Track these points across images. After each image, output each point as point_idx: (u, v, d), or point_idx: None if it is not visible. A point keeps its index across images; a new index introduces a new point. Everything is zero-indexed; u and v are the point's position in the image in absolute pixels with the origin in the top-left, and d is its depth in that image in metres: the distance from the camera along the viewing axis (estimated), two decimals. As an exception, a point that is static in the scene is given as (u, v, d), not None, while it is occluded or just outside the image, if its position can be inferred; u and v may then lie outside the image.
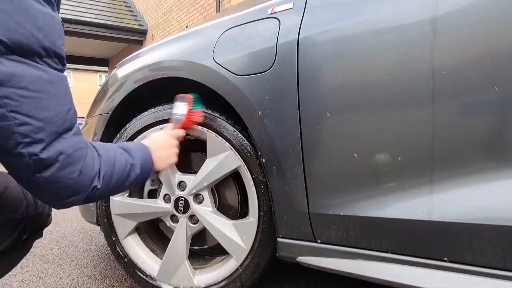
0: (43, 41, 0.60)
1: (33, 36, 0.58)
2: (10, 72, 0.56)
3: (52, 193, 0.67)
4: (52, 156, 0.63)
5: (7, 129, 0.58)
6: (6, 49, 0.56)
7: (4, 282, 1.40)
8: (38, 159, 0.61)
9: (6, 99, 0.56)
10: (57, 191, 0.66)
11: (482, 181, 0.75)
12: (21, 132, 0.59)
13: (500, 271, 0.73)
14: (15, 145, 0.59)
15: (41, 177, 0.63)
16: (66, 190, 0.67)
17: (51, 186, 0.65)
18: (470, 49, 0.76)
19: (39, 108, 0.61)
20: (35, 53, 0.59)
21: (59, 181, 0.65)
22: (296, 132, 0.94)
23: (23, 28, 0.57)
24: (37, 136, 0.61)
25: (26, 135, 0.59)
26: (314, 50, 0.92)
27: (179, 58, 1.18)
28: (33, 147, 0.60)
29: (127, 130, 1.23)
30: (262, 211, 1.06)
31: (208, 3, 7.38)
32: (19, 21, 0.57)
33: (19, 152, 0.60)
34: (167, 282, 1.19)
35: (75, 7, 9.45)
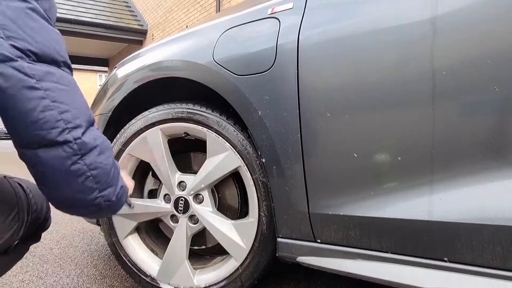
0: (61, 53, 0.72)
1: (54, 48, 0.71)
2: (45, 70, 0.68)
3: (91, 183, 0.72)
4: (91, 141, 0.72)
5: (52, 118, 0.67)
6: (37, 58, 0.68)
7: (4, 282, 1.40)
8: (82, 142, 0.70)
9: (48, 91, 0.67)
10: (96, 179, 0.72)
11: (482, 181, 0.75)
12: (65, 119, 0.68)
13: (500, 271, 0.73)
14: (60, 132, 0.68)
15: (84, 163, 0.70)
16: (105, 177, 0.74)
17: (91, 173, 0.71)
18: (470, 49, 0.76)
19: (72, 98, 0.71)
20: (56, 63, 0.71)
21: (99, 166, 0.73)
22: (296, 132, 0.94)
23: (48, 42, 0.70)
24: (76, 121, 0.70)
25: (69, 121, 0.69)
26: (314, 50, 0.92)
27: (179, 58, 1.18)
28: (76, 131, 0.69)
29: (127, 130, 1.23)
30: (262, 211, 1.06)
31: (208, 3, 7.38)
32: (43, 36, 0.69)
33: (65, 138, 0.68)
34: (167, 282, 1.19)
35: (75, 7, 9.45)
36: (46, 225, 0.97)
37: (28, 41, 0.67)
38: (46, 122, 0.66)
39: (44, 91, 0.66)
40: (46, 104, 0.66)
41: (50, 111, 0.67)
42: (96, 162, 0.72)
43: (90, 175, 0.72)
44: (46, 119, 0.66)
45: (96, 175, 0.72)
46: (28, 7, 0.69)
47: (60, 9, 8.89)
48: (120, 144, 1.23)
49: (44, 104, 0.66)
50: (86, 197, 0.73)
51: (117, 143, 1.25)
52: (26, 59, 0.66)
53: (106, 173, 0.75)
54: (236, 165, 1.08)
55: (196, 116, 1.12)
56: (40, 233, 0.98)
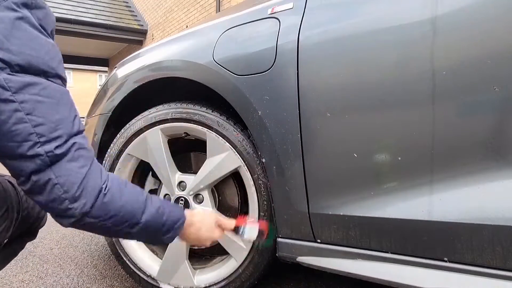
0: (50, 65, 0.71)
1: (43, 59, 0.70)
2: (25, 81, 0.67)
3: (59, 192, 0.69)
4: (64, 151, 0.70)
5: (24, 131, 0.66)
6: (20, 69, 0.67)
7: (4, 282, 1.40)
8: (53, 155, 0.68)
9: (23, 104, 0.65)
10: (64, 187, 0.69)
11: (482, 181, 0.75)
12: (38, 132, 0.67)
13: (500, 271, 0.73)
14: (31, 146, 0.66)
15: (52, 171, 0.68)
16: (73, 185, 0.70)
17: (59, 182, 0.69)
18: (470, 49, 0.76)
19: (51, 111, 0.69)
20: (44, 74, 0.70)
21: (68, 173, 0.70)
22: (296, 132, 0.94)
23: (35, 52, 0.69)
24: (52, 135, 0.68)
25: (42, 134, 0.67)
26: (314, 50, 0.92)
27: (179, 58, 1.18)
28: (49, 145, 0.68)
29: (127, 130, 1.23)
30: (262, 211, 1.06)
31: (208, 3, 7.38)
32: (31, 47, 0.68)
33: (35, 153, 0.67)
34: (167, 282, 1.19)
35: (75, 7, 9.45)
36: (42, 223, 0.97)
37: (11, 52, 0.65)
38: (17, 135, 0.65)
39: (19, 103, 0.65)
40: (19, 117, 0.65)
41: (23, 124, 0.65)
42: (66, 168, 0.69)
43: (57, 183, 0.69)
44: (18, 131, 0.65)
45: (63, 184, 0.69)
46: (17, 16, 0.68)
47: (60, 9, 8.88)
48: (120, 144, 1.23)
49: (17, 116, 0.65)
50: (58, 207, 0.70)
51: (117, 143, 1.25)
52: (7, 69, 0.65)
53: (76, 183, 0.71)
54: (236, 165, 1.08)
55: (196, 116, 1.12)
56: (36, 230, 0.98)
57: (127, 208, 0.79)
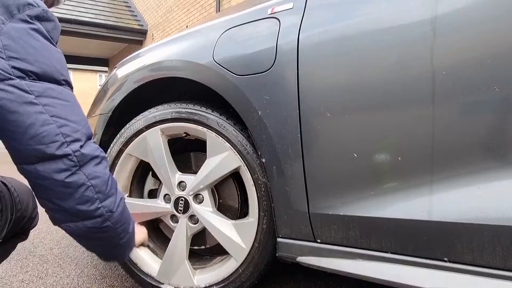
0: (61, 72, 0.76)
1: (55, 67, 0.74)
2: (44, 87, 0.71)
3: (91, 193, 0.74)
4: (90, 152, 0.74)
5: (51, 132, 0.69)
6: (37, 77, 0.71)
7: (4, 282, 1.40)
8: (81, 154, 0.72)
9: (46, 106, 0.70)
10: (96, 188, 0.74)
11: (482, 181, 0.75)
12: (63, 133, 0.71)
13: (500, 271, 0.73)
14: (59, 146, 0.70)
15: (83, 173, 0.73)
16: (104, 186, 0.76)
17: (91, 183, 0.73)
18: (470, 49, 0.76)
19: (71, 113, 0.74)
20: (56, 81, 0.74)
21: (98, 176, 0.75)
22: (296, 132, 0.94)
23: (49, 61, 0.73)
24: (75, 135, 0.73)
25: (68, 134, 0.71)
26: (314, 50, 0.92)
27: (179, 58, 1.17)
28: (74, 144, 0.72)
29: (127, 130, 1.23)
30: (262, 211, 1.06)
31: (208, 3, 7.38)
32: (45, 56, 0.73)
33: (64, 152, 0.70)
34: (167, 282, 1.19)
35: (75, 7, 9.45)
36: (33, 223, 0.98)
37: (29, 61, 0.70)
38: (45, 136, 0.69)
39: (43, 106, 0.69)
40: (45, 119, 0.69)
41: (49, 125, 0.69)
42: (95, 172, 0.74)
43: (90, 185, 0.73)
44: (46, 133, 0.69)
45: (96, 185, 0.74)
46: (31, 27, 0.72)
47: (60, 9, 8.88)
48: (120, 144, 1.23)
49: (43, 118, 0.69)
50: (89, 207, 0.74)
51: (117, 143, 1.25)
52: (26, 78, 0.69)
53: (105, 182, 0.76)
54: (236, 165, 1.08)
55: (196, 116, 1.12)
56: (28, 230, 0.98)
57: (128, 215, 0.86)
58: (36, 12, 0.73)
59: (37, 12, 0.74)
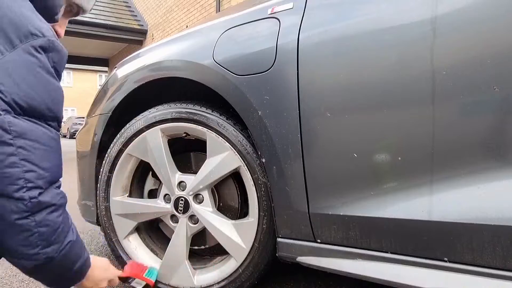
0: (51, 109, 0.74)
1: (45, 104, 0.72)
2: (27, 127, 0.69)
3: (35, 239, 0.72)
4: (47, 200, 0.73)
5: (14, 175, 0.68)
6: (22, 111, 0.69)
7: (4, 282, 1.39)
8: (37, 201, 0.70)
9: (20, 149, 0.68)
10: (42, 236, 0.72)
11: (482, 181, 0.75)
12: (26, 178, 0.69)
13: (500, 271, 0.73)
14: (17, 190, 0.68)
15: (34, 220, 0.71)
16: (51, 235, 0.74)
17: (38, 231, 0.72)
18: (470, 49, 0.76)
19: (44, 159, 0.72)
20: (43, 117, 0.73)
21: (48, 224, 0.73)
22: (296, 132, 0.94)
23: (40, 97, 0.71)
24: (38, 182, 0.71)
25: (30, 180, 0.69)
26: (314, 50, 0.92)
27: (179, 58, 1.18)
28: (33, 191, 0.70)
29: (127, 130, 1.23)
30: (262, 211, 1.06)
31: (208, 3, 7.38)
32: (38, 92, 0.71)
33: (20, 196, 0.68)
34: (167, 282, 1.19)
35: (75, 7, 9.43)
36: None
37: (18, 95, 0.68)
38: (7, 178, 0.67)
39: (17, 148, 0.68)
40: (13, 161, 0.67)
41: (15, 168, 0.68)
42: (46, 220, 0.73)
43: (36, 232, 0.72)
44: (8, 175, 0.67)
45: (43, 233, 0.72)
46: (33, 62, 0.70)
47: (60, 9, 8.86)
48: (120, 144, 1.23)
49: (11, 160, 0.67)
50: (28, 251, 0.72)
51: (117, 143, 1.25)
52: (11, 112, 0.67)
53: (54, 231, 0.74)
54: (236, 165, 1.08)
55: (196, 116, 1.12)
56: None
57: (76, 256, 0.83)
58: (41, 42, 0.71)
59: (41, 42, 0.71)
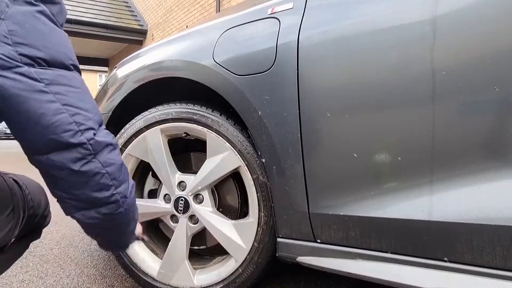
0: (70, 56, 0.73)
1: (64, 53, 0.72)
2: (55, 74, 0.69)
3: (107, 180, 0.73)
4: (103, 139, 0.73)
5: (64, 121, 0.68)
6: (47, 64, 0.69)
7: (4, 282, 1.40)
8: (95, 142, 0.71)
9: (57, 95, 0.68)
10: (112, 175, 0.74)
11: (482, 181, 0.75)
12: (77, 121, 0.69)
13: (500, 271, 0.73)
14: (73, 135, 0.68)
15: (98, 161, 0.71)
16: (118, 173, 0.75)
17: (106, 170, 0.73)
18: (470, 49, 0.76)
19: (83, 100, 0.72)
20: (65, 66, 0.72)
21: (113, 163, 0.74)
22: (296, 132, 0.94)
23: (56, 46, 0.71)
24: (88, 123, 0.71)
25: (81, 123, 0.70)
26: (314, 50, 0.92)
27: (179, 58, 1.18)
28: (88, 133, 0.70)
29: (127, 130, 1.23)
30: (262, 211, 1.06)
31: (208, 3, 7.38)
32: (52, 41, 0.70)
33: (79, 140, 0.69)
34: (167, 282, 1.19)
35: (75, 7, 9.44)
36: (46, 221, 0.96)
37: (37, 47, 0.67)
38: (58, 126, 0.67)
39: (54, 94, 0.67)
40: (57, 107, 0.67)
41: (61, 114, 0.67)
42: (109, 159, 0.73)
43: (106, 172, 0.73)
44: (59, 122, 0.67)
45: (111, 172, 0.74)
46: (38, 10, 0.69)
47: (60, 9, 8.86)
48: (120, 144, 1.23)
49: (55, 107, 0.67)
50: (104, 194, 0.74)
51: (117, 143, 1.25)
52: (34, 65, 0.67)
53: (119, 169, 0.76)
54: (236, 165, 1.08)
55: (196, 116, 1.12)
56: (41, 229, 0.97)
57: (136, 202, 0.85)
58: None
59: None
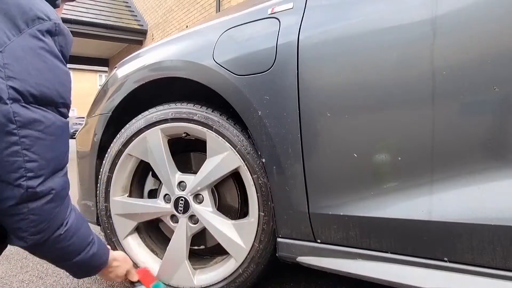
0: (62, 95, 0.73)
1: (56, 91, 0.71)
2: (34, 117, 0.68)
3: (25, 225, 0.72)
4: (45, 190, 0.72)
5: (15, 164, 0.67)
6: (34, 100, 0.68)
7: (4, 282, 1.39)
8: (33, 191, 0.70)
9: (23, 138, 0.67)
10: (32, 223, 0.73)
11: (482, 181, 0.75)
12: (27, 168, 0.68)
13: (500, 271, 0.73)
14: (17, 178, 0.68)
15: (27, 207, 0.71)
16: (41, 224, 0.74)
17: (29, 218, 0.72)
18: (470, 49, 0.76)
19: (47, 149, 0.71)
20: (54, 104, 0.72)
21: (41, 213, 0.73)
22: (296, 132, 0.94)
23: (51, 84, 0.70)
24: (39, 172, 0.70)
25: (31, 170, 0.69)
26: (314, 50, 0.92)
27: (179, 58, 1.17)
28: (32, 181, 0.70)
29: (127, 130, 1.23)
30: (262, 211, 1.06)
31: (208, 3, 7.38)
32: (48, 79, 0.70)
33: (19, 184, 0.68)
34: (167, 282, 1.19)
35: (75, 7, 9.44)
36: None
37: (29, 84, 0.67)
38: (8, 165, 0.67)
39: (20, 138, 0.67)
40: (15, 150, 0.67)
41: (16, 157, 0.67)
42: (39, 209, 0.72)
43: (27, 218, 0.72)
44: (9, 163, 0.67)
45: (33, 220, 0.73)
46: (41, 46, 0.69)
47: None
48: (120, 144, 1.23)
49: (14, 149, 0.67)
50: (18, 233, 0.74)
51: (117, 143, 1.25)
52: (21, 101, 0.66)
53: (44, 220, 0.74)
54: (236, 165, 1.08)
55: (196, 116, 1.12)
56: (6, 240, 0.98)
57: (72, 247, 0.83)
58: (47, 26, 0.70)
59: (48, 26, 0.70)
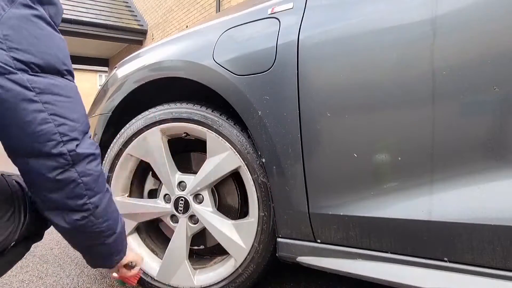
0: (64, 61, 0.73)
1: (57, 57, 0.71)
2: (48, 82, 0.69)
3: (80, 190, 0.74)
4: (84, 151, 0.74)
5: (48, 131, 0.68)
6: (41, 70, 0.68)
7: (4, 282, 1.40)
8: (75, 153, 0.71)
9: (46, 104, 0.68)
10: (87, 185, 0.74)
11: (482, 181, 0.75)
12: (61, 132, 0.69)
13: (500, 271, 0.74)
14: (55, 145, 0.69)
15: (75, 171, 0.72)
16: (94, 184, 0.75)
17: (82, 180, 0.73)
18: (471, 49, 0.76)
19: (71, 110, 0.73)
20: (59, 72, 0.72)
21: (90, 174, 0.74)
22: (296, 132, 0.94)
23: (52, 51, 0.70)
24: (72, 134, 0.71)
25: (65, 134, 0.70)
26: (314, 50, 0.92)
27: (179, 58, 1.18)
28: (70, 144, 0.71)
29: (127, 130, 1.23)
30: (262, 211, 1.06)
31: (208, 3, 7.38)
32: (48, 46, 0.70)
33: (59, 152, 0.69)
34: (167, 282, 1.19)
35: (75, 7, 9.44)
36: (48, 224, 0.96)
37: (31, 52, 0.67)
38: (42, 135, 0.67)
39: (43, 104, 0.67)
40: (43, 117, 0.67)
41: (47, 124, 0.68)
42: (87, 170, 0.74)
43: (81, 182, 0.73)
44: (43, 132, 0.67)
45: (86, 182, 0.74)
46: (34, 14, 0.68)
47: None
48: (120, 144, 1.23)
49: (41, 117, 0.67)
50: (76, 202, 0.74)
51: (117, 143, 1.25)
52: (28, 71, 0.66)
53: (95, 180, 0.76)
54: (236, 165, 1.08)
55: (196, 116, 1.12)
56: (43, 231, 0.97)
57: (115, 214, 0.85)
58: None
59: None
